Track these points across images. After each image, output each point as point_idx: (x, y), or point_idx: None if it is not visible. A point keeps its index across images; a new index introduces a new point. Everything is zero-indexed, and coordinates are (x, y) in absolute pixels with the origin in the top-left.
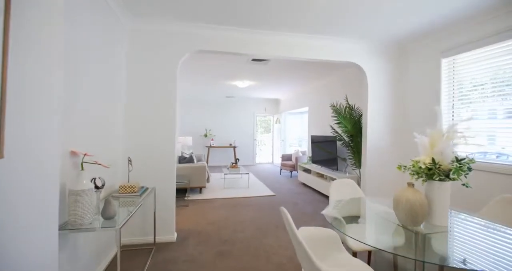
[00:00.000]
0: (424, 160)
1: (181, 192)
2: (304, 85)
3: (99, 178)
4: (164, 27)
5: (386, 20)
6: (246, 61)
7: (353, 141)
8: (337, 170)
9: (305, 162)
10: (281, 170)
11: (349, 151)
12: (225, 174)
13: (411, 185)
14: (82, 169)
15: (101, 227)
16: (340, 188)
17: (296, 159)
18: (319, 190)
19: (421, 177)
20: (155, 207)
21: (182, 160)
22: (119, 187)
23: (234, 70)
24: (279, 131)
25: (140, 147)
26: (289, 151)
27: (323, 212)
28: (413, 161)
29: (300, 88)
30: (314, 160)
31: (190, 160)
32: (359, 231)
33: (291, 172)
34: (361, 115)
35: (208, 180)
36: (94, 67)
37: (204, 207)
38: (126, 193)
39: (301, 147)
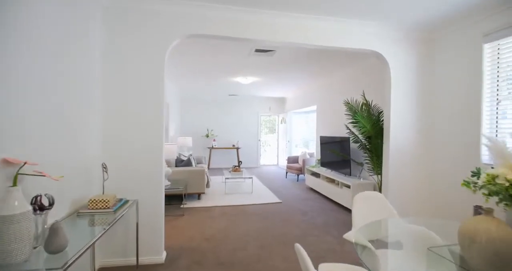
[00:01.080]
0: (506, 174)
1: (177, 198)
2: (312, 81)
3: (45, 195)
4: (148, 4)
5: (413, 0)
6: (249, 52)
7: (370, 143)
8: (350, 175)
9: (313, 165)
10: (286, 173)
11: (365, 154)
12: (226, 178)
13: (490, 212)
14: (15, 185)
15: (45, 268)
16: (365, 204)
17: (303, 161)
18: (329, 196)
19: (504, 200)
20: (138, 223)
21: (179, 163)
22: (89, 202)
23: (235, 64)
24: (284, 132)
25: (121, 151)
26: (295, 152)
27: (346, 235)
28: (488, 175)
29: (307, 85)
30: (324, 163)
31: (187, 163)
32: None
33: (297, 175)
34: (380, 113)
35: (207, 185)
36: (50, 53)
37: (201, 216)
38: (97, 208)
39: (308, 148)
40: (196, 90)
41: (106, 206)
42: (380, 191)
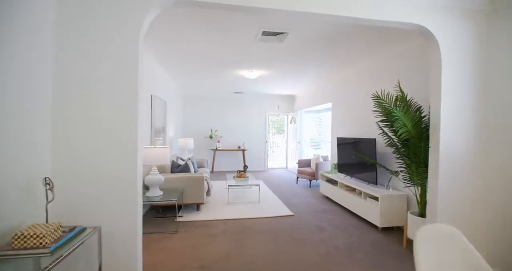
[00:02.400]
0: None
1: (172, 209)
2: (327, 75)
3: None
4: None
5: None
6: (255, 37)
7: (408, 146)
8: (376, 183)
9: (328, 170)
10: (297, 178)
11: (400, 160)
12: (229, 186)
13: None
14: None
15: None
16: (434, 247)
17: (316, 165)
18: (349, 208)
19: None
20: (101, 260)
21: (174, 168)
22: (13, 238)
23: (239, 53)
24: (294, 133)
25: (76, 160)
26: (306, 154)
27: None
28: None
29: (321, 80)
30: (341, 168)
31: (184, 168)
32: None
33: (310, 181)
34: (417, 109)
35: (208, 193)
36: None
37: (199, 234)
38: (26, 248)
39: (321, 150)
40: (199, 88)
41: (40, 243)
42: (420, 206)
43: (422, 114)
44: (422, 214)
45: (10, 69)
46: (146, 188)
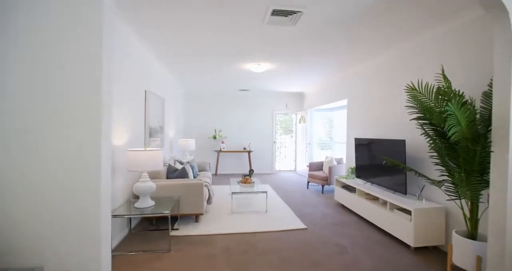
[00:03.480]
0: None
1: (166, 220)
2: (345, 67)
3: None
4: None
5: None
6: (264, 17)
7: (453, 150)
8: (405, 193)
9: (344, 175)
10: (308, 182)
11: (441, 166)
12: (232, 193)
13: None
14: None
15: None
16: None
17: (330, 169)
18: (371, 220)
19: None
20: None
21: (171, 173)
22: None
23: (244, 39)
24: (303, 133)
25: (9, 173)
26: (317, 156)
27: None
28: None
29: (334, 75)
30: (360, 173)
31: (182, 173)
32: None
33: (322, 186)
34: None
35: (209, 201)
36: None
37: (195, 254)
38: None
39: (333, 152)
40: (201, 85)
41: None
42: (470, 225)
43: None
44: (473, 234)
45: None
46: (136, 197)
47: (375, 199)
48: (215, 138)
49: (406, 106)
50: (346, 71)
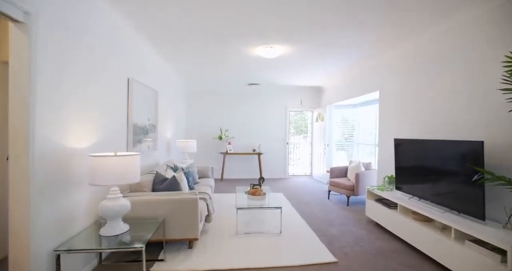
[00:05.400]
0: None
1: (151, 246)
2: (379, 50)
3: None
4: None
5: None
6: None
7: None
8: (483, 218)
9: (379, 185)
10: (329, 191)
11: None
12: (238, 209)
13: None
14: None
15: None
16: None
17: (357, 176)
18: (423, 250)
19: None
20: None
21: (157, 183)
22: None
23: (252, 17)
24: (321, 133)
25: None
26: (337, 160)
27: None
28: None
29: (361, 64)
30: (403, 183)
31: (171, 184)
32: None
33: (348, 197)
34: None
35: (209, 219)
36: None
37: None
38: None
39: (358, 155)
40: (205, 80)
41: None
42: None
43: None
44: None
45: None
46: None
47: (427, 220)
48: (221, 138)
49: (502, 89)
50: (377, 58)
